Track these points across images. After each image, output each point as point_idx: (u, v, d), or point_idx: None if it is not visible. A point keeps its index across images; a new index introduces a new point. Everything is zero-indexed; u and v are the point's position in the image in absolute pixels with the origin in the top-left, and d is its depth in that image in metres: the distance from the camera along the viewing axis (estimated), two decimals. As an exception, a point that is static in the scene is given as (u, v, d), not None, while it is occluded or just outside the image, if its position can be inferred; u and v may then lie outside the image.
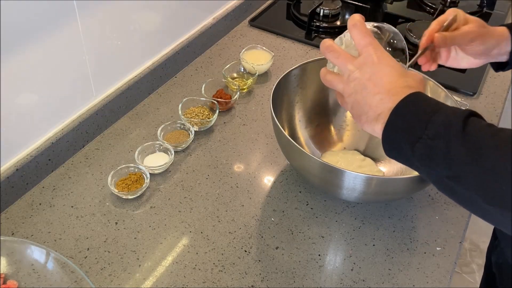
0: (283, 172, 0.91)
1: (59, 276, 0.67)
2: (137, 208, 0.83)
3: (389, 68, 0.55)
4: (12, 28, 0.72)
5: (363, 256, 0.77)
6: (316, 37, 1.28)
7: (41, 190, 0.85)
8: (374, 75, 0.54)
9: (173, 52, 1.09)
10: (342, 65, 0.58)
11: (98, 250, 0.76)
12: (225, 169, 0.91)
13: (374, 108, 0.54)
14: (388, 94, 0.53)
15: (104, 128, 0.97)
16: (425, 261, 0.77)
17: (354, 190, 0.74)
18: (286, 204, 0.85)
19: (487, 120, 0.51)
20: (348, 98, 0.57)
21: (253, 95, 1.08)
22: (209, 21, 1.20)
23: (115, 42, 0.94)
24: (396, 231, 0.81)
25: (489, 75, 1.17)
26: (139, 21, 0.98)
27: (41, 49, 0.78)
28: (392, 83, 0.54)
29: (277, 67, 1.17)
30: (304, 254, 0.77)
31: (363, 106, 0.55)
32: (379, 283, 0.74)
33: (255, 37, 1.27)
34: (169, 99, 1.06)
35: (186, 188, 0.87)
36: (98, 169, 0.89)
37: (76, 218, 0.81)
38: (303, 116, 0.92)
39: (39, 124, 0.85)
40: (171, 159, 0.89)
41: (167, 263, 0.75)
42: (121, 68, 0.98)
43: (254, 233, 0.80)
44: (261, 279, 0.73)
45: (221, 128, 0.99)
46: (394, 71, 0.54)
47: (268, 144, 0.96)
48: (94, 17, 0.86)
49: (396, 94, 0.53)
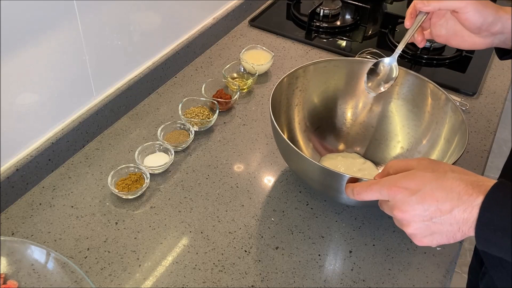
0: (283, 172, 0.91)
1: (59, 276, 0.67)
2: (137, 208, 0.83)
3: (428, 184, 0.52)
4: (12, 28, 0.72)
5: (363, 256, 0.77)
6: (316, 37, 1.28)
7: (41, 190, 0.85)
8: (426, 202, 0.52)
9: (173, 52, 1.09)
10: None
11: (98, 250, 0.76)
12: (225, 169, 0.91)
13: (454, 224, 0.51)
14: (458, 201, 0.50)
15: (104, 128, 0.97)
16: (425, 261, 0.77)
17: None
18: (286, 204, 0.85)
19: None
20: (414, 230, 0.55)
21: (253, 95, 1.08)
22: (209, 21, 1.20)
23: (115, 42, 0.94)
24: (396, 231, 0.81)
25: (489, 75, 1.17)
26: (139, 21, 0.98)
27: (41, 49, 0.78)
28: (446, 191, 0.51)
29: (277, 67, 1.17)
30: (304, 254, 0.77)
31: (437, 230, 0.53)
32: (379, 283, 0.74)
33: (255, 37, 1.27)
34: (169, 99, 1.06)
35: (186, 188, 0.87)
36: (98, 169, 0.89)
37: (76, 218, 0.81)
38: (302, 119, 0.92)
39: (39, 124, 0.85)
40: (171, 159, 0.89)
41: (167, 263, 0.75)
42: (121, 68, 0.98)
43: (254, 233, 0.80)
44: (261, 279, 0.73)
45: (221, 128, 0.99)
46: (431, 178, 0.53)
47: (268, 144, 0.96)
48: (94, 17, 0.86)
49: (466, 196, 0.50)
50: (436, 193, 0.51)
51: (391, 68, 0.81)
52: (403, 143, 0.90)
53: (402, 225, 0.55)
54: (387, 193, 0.55)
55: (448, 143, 0.82)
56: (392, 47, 1.23)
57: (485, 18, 0.70)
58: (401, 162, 0.58)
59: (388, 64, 0.81)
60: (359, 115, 0.94)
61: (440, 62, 1.20)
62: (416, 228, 0.54)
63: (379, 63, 0.82)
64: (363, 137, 0.94)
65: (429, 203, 0.51)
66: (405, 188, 0.53)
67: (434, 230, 0.53)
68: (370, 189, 0.57)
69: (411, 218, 0.53)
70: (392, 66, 0.81)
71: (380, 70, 0.82)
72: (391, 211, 0.55)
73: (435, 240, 0.54)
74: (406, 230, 0.55)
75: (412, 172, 0.54)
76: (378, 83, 0.82)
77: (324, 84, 0.92)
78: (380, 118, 0.93)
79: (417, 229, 0.54)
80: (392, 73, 0.81)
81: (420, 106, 0.88)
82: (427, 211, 0.52)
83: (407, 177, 0.54)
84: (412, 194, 0.52)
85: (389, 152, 0.91)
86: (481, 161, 0.94)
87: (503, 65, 1.20)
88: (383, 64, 0.82)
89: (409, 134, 0.89)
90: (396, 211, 0.54)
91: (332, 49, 1.23)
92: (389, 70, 0.81)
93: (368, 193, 0.57)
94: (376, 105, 0.92)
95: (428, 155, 0.84)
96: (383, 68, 0.82)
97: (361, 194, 0.58)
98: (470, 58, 1.21)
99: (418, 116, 0.88)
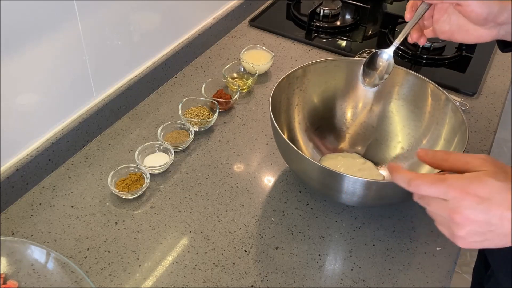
0: (283, 172, 0.91)
1: (59, 276, 0.67)
2: (137, 208, 0.83)
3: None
4: (12, 28, 0.72)
5: (363, 256, 0.77)
6: (316, 37, 1.28)
7: (41, 190, 0.85)
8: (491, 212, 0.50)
9: (173, 52, 1.09)
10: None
11: (98, 250, 0.76)
12: (225, 169, 0.91)
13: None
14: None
15: (104, 128, 0.97)
16: (425, 261, 0.77)
17: (353, 194, 0.73)
18: (286, 204, 0.85)
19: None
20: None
21: (253, 95, 1.08)
22: (209, 21, 1.20)
23: (115, 42, 0.94)
24: (396, 231, 0.81)
25: (489, 75, 1.17)
26: (139, 21, 0.98)
27: (41, 49, 0.78)
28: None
29: (277, 67, 1.17)
30: (304, 254, 0.77)
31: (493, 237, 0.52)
32: (379, 283, 0.74)
33: (255, 37, 1.27)
34: (169, 99, 1.06)
35: (186, 188, 0.87)
36: (98, 169, 0.89)
37: (76, 218, 0.81)
38: (302, 118, 0.92)
39: (39, 124, 0.85)
40: (171, 159, 0.89)
41: (167, 263, 0.75)
42: (121, 68, 0.98)
43: (254, 233, 0.80)
44: (261, 279, 0.73)
45: (221, 128, 0.99)
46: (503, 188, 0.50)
47: (268, 144, 0.96)
48: (94, 17, 0.86)
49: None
50: (504, 204, 0.50)
51: (387, 62, 0.80)
52: (403, 143, 0.90)
53: (455, 226, 0.52)
54: (453, 195, 0.51)
55: (448, 143, 0.82)
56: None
57: (490, 9, 0.68)
58: (459, 157, 0.55)
59: (385, 57, 0.80)
60: (359, 115, 0.94)
61: (440, 62, 1.20)
62: (469, 232, 0.52)
63: (376, 55, 0.81)
64: (363, 137, 0.94)
65: (494, 213, 0.50)
66: (475, 195, 0.50)
67: (487, 237, 0.51)
68: (435, 186, 0.52)
69: (469, 223, 0.51)
70: (388, 60, 0.80)
71: (376, 63, 0.81)
72: (448, 213, 0.52)
73: (483, 245, 0.52)
74: (457, 231, 0.52)
75: (482, 178, 0.51)
76: (373, 77, 0.82)
77: (324, 84, 0.92)
78: (380, 118, 0.93)
79: (470, 234, 0.52)
80: (389, 67, 0.80)
81: (420, 106, 0.88)
82: (489, 222, 0.50)
83: (479, 182, 0.51)
84: (480, 203, 0.50)
85: (389, 152, 0.91)
86: (481, 161, 0.94)
87: (503, 65, 1.20)
88: (379, 57, 0.81)
89: (409, 134, 0.89)
90: (457, 215, 0.51)
91: (332, 49, 1.23)
92: (386, 64, 0.81)
93: (431, 189, 0.53)
94: (376, 105, 0.92)
95: (428, 155, 0.84)
96: (379, 61, 0.81)
97: (420, 187, 0.54)
98: (470, 58, 1.21)
99: (418, 116, 0.88)
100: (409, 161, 0.88)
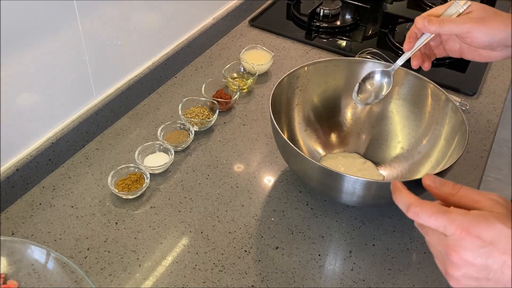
0: (283, 172, 0.91)
1: (59, 276, 0.67)
2: (137, 208, 0.83)
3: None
4: (12, 28, 0.72)
5: (363, 256, 0.77)
6: (316, 37, 1.28)
7: (41, 190, 0.85)
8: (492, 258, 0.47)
9: (173, 52, 1.09)
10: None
11: (98, 250, 0.76)
12: (225, 169, 0.91)
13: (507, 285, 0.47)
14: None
15: (104, 128, 0.97)
16: (425, 261, 0.77)
17: (353, 194, 0.73)
18: (286, 204, 0.85)
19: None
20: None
21: (253, 95, 1.08)
22: (209, 21, 1.20)
23: (115, 42, 0.94)
24: (396, 231, 0.81)
25: (489, 75, 1.17)
26: (139, 21, 0.98)
27: (41, 49, 0.78)
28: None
29: (277, 67, 1.17)
30: (304, 254, 0.77)
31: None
32: (379, 283, 0.74)
33: (255, 37, 1.27)
34: (169, 99, 1.06)
35: (186, 188, 0.87)
36: (98, 169, 0.89)
37: (76, 218, 0.81)
38: (302, 118, 0.92)
39: (39, 124, 0.85)
40: (171, 159, 0.89)
41: (167, 263, 0.75)
42: (121, 68, 0.98)
43: (254, 233, 0.80)
44: (261, 279, 0.73)
45: (221, 128, 0.99)
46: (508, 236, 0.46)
47: (268, 144, 0.96)
48: (94, 17, 0.86)
49: None
50: (508, 251, 0.46)
51: (381, 83, 0.80)
52: (403, 143, 0.90)
53: (449, 265, 0.49)
54: (453, 232, 0.47)
55: (448, 143, 0.82)
56: (392, 47, 1.23)
57: (493, 37, 0.66)
58: (469, 193, 0.51)
59: (383, 78, 0.80)
60: (359, 115, 0.94)
61: (440, 62, 1.20)
62: (464, 275, 0.48)
63: (374, 74, 0.81)
64: (363, 137, 0.94)
65: (495, 259, 0.46)
66: (477, 237, 0.46)
67: (482, 284, 0.48)
68: (435, 218, 0.49)
69: (465, 265, 0.48)
70: (383, 83, 0.80)
71: (373, 82, 0.81)
72: (445, 249, 0.49)
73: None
74: (451, 271, 0.49)
75: (490, 219, 0.47)
76: (369, 95, 0.81)
77: (324, 84, 0.92)
78: (380, 118, 0.93)
79: (465, 277, 0.48)
80: (382, 90, 0.80)
81: (420, 106, 0.88)
82: (488, 268, 0.47)
83: (485, 224, 0.47)
84: (482, 246, 0.46)
85: (390, 152, 0.91)
86: (481, 161, 0.94)
87: (503, 65, 1.20)
88: (378, 76, 0.80)
89: (409, 134, 0.89)
90: (454, 254, 0.48)
91: (332, 49, 1.23)
92: (383, 84, 0.80)
93: (430, 220, 0.49)
94: (376, 105, 0.92)
95: (428, 155, 0.84)
96: (377, 80, 0.81)
97: (420, 216, 0.50)
98: (470, 58, 1.21)
99: (418, 117, 0.88)
100: (409, 161, 0.88)
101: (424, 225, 0.51)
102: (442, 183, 0.54)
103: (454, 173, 0.89)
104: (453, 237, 0.48)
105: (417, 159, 0.86)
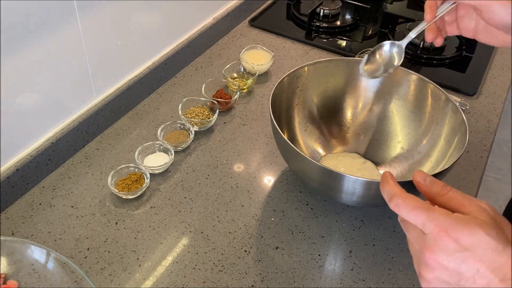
0: (283, 172, 0.91)
1: (59, 276, 0.67)
2: (137, 208, 0.83)
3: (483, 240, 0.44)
4: (12, 28, 0.72)
5: (363, 256, 0.77)
6: (316, 37, 1.28)
7: (41, 190, 0.85)
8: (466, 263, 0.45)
9: (173, 52, 1.09)
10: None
11: (98, 250, 0.76)
12: (225, 169, 0.91)
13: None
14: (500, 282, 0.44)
15: (104, 128, 0.97)
16: (425, 261, 0.77)
17: (353, 194, 0.73)
18: (286, 204, 0.85)
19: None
20: None
21: (253, 95, 1.08)
22: (209, 21, 1.20)
23: (115, 42, 0.94)
24: (396, 231, 0.81)
25: (489, 75, 1.17)
26: (139, 21, 0.98)
27: (41, 49, 0.78)
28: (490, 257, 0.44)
29: (277, 67, 1.17)
30: (304, 254, 0.77)
31: None
32: (379, 283, 0.74)
33: (255, 37, 1.27)
34: (169, 99, 1.06)
35: (186, 188, 0.87)
36: (98, 169, 0.89)
37: (76, 218, 0.81)
38: (303, 118, 0.92)
39: (39, 124, 0.85)
40: (171, 159, 0.89)
41: (167, 263, 0.75)
42: (121, 68, 0.98)
43: (254, 233, 0.80)
44: (261, 279, 0.73)
45: (221, 128, 0.99)
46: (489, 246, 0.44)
47: (268, 144, 0.96)
48: (94, 17, 0.86)
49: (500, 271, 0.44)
50: (484, 260, 0.44)
51: (392, 55, 0.75)
52: (403, 143, 0.90)
53: (423, 265, 0.47)
54: (432, 230, 0.46)
55: (448, 143, 0.82)
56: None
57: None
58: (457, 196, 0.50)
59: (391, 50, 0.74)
60: (359, 115, 0.94)
61: (440, 62, 1.20)
62: (435, 278, 0.47)
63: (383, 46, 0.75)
64: (363, 137, 0.94)
65: (469, 266, 0.44)
66: (455, 240, 0.45)
67: None
68: (415, 213, 0.48)
69: (438, 268, 0.46)
70: (394, 53, 0.74)
71: (382, 52, 0.76)
72: (420, 247, 0.47)
73: None
74: (424, 273, 0.47)
75: (471, 225, 0.45)
76: (378, 67, 0.76)
77: (324, 84, 0.92)
78: (380, 118, 0.93)
79: (436, 280, 0.47)
80: (393, 61, 0.74)
81: (420, 106, 0.88)
82: (461, 275, 0.45)
83: (465, 228, 0.45)
84: (458, 251, 0.45)
85: (390, 152, 0.91)
86: (481, 161, 0.94)
87: (503, 65, 1.20)
88: (388, 49, 0.75)
89: (409, 134, 0.89)
90: (428, 254, 0.46)
91: (332, 49, 1.23)
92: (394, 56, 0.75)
93: (410, 214, 0.48)
94: (376, 105, 0.92)
95: (428, 155, 0.84)
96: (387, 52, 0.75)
97: (400, 209, 0.49)
98: (470, 58, 1.21)
99: (418, 117, 0.88)
100: (409, 161, 0.88)
101: (406, 221, 0.50)
102: (433, 182, 0.53)
103: (454, 173, 0.89)
104: (431, 236, 0.46)
105: (417, 159, 0.86)
